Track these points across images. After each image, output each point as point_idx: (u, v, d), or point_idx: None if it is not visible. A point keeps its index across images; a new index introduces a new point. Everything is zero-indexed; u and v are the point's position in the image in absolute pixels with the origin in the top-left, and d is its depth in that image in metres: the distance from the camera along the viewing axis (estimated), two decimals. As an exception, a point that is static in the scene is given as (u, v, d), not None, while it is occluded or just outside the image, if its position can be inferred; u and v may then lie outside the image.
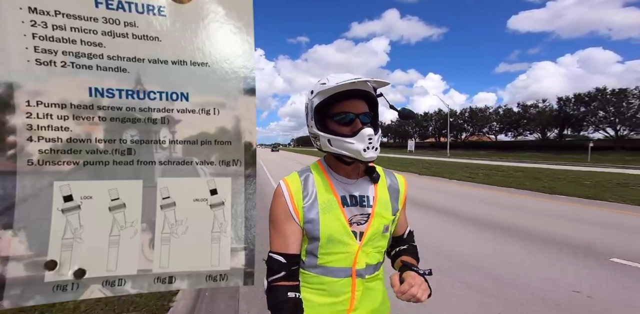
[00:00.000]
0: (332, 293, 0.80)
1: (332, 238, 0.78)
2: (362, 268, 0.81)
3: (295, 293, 0.75)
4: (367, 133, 0.75)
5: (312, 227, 0.78)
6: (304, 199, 0.80)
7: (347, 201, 0.82)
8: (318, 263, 0.80)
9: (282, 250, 0.77)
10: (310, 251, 0.81)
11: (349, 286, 0.80)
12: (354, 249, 0.80)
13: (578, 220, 4.75)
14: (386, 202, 0.87)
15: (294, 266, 0.78)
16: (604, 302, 2.35)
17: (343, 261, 0.79)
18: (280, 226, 0.78)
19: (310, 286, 0.81)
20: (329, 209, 0.79)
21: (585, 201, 6.31)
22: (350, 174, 0.87)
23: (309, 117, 0.84)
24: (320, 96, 0.79)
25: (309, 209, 0.79)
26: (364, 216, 0.82)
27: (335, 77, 0.77)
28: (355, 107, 0.78)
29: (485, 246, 3.72)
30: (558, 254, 3.30)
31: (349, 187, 0.84)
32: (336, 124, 0.79)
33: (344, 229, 0.79)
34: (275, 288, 0.75)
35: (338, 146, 0.77)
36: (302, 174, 0.85)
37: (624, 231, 4.14)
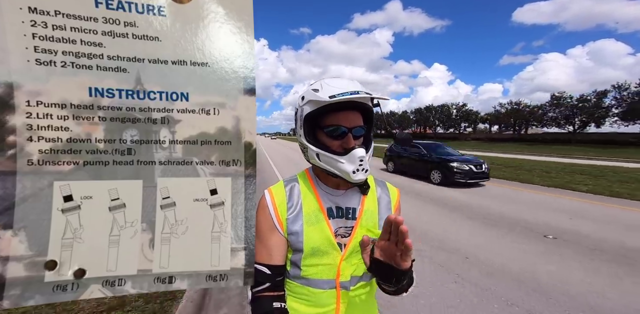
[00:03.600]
0: (317, 304, 0.78)
1: (316, 250, 0.77)
2: (346, 281, 0.78)
3: (280, 303, 0.74)
4: (359, 155, 0.71)
5: (295, 239, 0.77)
6: (288, 210, 0.78)
7: (333, 213, 0.80)
8: (301, 274, 0.78)
9: (267, 261, 0.76)
10: (294, 262, 0.79)
11: (334, 297, 0.78)
12: (336, 261, 0.78)
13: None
14: (373, 214, 0.83)
15: (279, 276, 0.77)
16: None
17: (326, 272, 0.78)
18: (264, 237, 0.77)
19: (295, 296, 0.80)
20: (314, 221, 0.78)
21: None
22: (339, 185, 0.84)
23: (298, 125, 0.80)
24: (311, 104, 0.75)
25: (293, 221, 0.77)
26: (348, 229, 0.80)
27: (330, 86, 0.73)
28: (349, 120, 0.74)
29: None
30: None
31: (336, 199, 0.82)
32: (326, 137, 0.76)
33: (328, 241, 0.77)
34: (260, 298, 0.74)
35: (327, 162, 0.75)
36: (287, 184, 0.83)
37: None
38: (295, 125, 0.83)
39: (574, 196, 7.26)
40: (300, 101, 0.80)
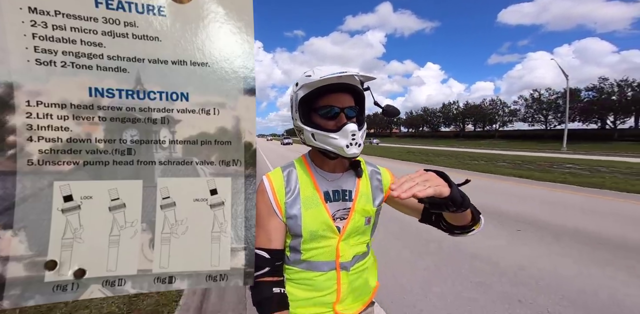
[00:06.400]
0: (317, 288, 0.80)
1: (314, 234, 0.78)
2: (346, 261, 0.81)
3: (280, 288, 0.75)
4: (351, 129, 0.74)
5: (294, 223, 0.78)
6: (286, 194, 0.80)
7: (330, 196, 0.82)
8: (302, 258, 0.80)
9: (266, 246, 0.77)
10: (293, 247, 0.81)
11: (334, 279, 0.80)
12: (335, 243, 0.80)
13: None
14: (367, 195, 0.86)
15: (278, 261, 0.79)
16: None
17: (326, 254, 0.79)
18: (263, 221, 0.78)
19: (295, 281, 0.82)
20: (312, 205, 0.79)
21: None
22: (335, 169, 0.87)
23: (294, 109, 0.83)
24: (305, 88, 0.78)
25: (291, 205, 0.79)
26: (345, 210, 0.82)
27: (321, 70, 0.76)
28: (341, 101, 0.77)
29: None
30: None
31: (332, 183, 0.84)
32: (320, 118, 0.78)
33: (327, 224, 0.79)
34: (260, 284, 0.75)
35: (321, 140, 0.77)
36: (285, 170, 0.85)
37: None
38: (291, 110, 0.85)
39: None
40: (294, 87, 0.83)
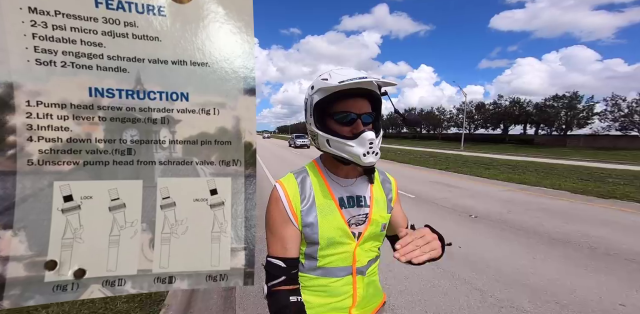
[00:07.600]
0: (333, 294, 0.79)
1: (331, 241, 0.77)
2: (362, 266, 0.81)
3: (297, 297, 0.74)
4: (369, 137, 0.71)
5: (311, 231, 0.76)
6: (302, 202, 0.78)
7: (345, 202, 0.81)
8: (318, 265, 0.79)
9: (281, 254, 0.76)
10: (309, 254, 0.79)
11: (350, 284, 0.79)
12: (352, 249, 0.79)
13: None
14: (382, 201, 0.86)
15: (294, 269, 0.77)
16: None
17: (343, 260, 0.79)
18: (278, 230, 0.76)
19: (309, 288, 0.80)
20: (328, 212, 0.78)
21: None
22: (348, 174, 0.85)
23: (308, 113, 0.80)
24: (321, 92, 0.76)
25: (307, 213, 0.77)
26: (362, 216, 0.81)
27: (339, 74, 0.74)
28: (358, 106, 0.75)
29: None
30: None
31: (346, 188, 0.83)
32: (336, 124, 0.77)
33: (343, 231, 0.78)
34: (277, 293, 0.73)
35: (337, 147, 0.75)
36: (298, 176, 0.83)
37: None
38: (305, 114, 0.83)
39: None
40: (310, 90, 0.81)
